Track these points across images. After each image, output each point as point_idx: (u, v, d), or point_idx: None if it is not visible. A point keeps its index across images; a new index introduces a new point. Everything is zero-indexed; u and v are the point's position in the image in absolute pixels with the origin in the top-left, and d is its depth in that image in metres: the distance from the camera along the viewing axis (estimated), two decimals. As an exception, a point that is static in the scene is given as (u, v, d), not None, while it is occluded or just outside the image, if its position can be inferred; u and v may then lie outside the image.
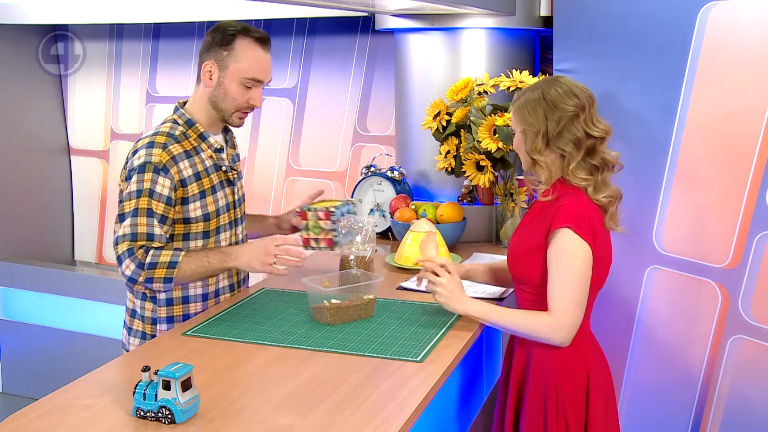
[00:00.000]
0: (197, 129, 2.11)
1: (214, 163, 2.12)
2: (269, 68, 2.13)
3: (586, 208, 1.84)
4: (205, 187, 2.08)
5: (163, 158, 2.01)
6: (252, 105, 2.10)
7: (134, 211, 1.98)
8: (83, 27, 4.29)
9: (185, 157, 2.05)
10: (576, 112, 1.84)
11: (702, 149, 2.39)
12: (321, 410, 1.51)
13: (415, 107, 3.05)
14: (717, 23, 2.33)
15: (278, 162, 3.86)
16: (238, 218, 2.21)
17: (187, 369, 1.46)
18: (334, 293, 2.01)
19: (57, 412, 1.50)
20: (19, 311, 4.15)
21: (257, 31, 2.10)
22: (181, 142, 2.07)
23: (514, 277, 1.97)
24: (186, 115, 2.11)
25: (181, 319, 2.10)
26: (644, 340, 2.57)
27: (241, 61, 2.06)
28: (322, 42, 3.76)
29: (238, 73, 2.06)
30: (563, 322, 1.82)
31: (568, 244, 1.81)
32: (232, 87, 2.07)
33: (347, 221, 2.24)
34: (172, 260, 1.98)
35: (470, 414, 2.34)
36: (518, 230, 2.00)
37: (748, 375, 2.35)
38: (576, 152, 1.85)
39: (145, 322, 2.13)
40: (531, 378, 1.92)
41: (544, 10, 2.93)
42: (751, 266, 2.29)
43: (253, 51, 2.08)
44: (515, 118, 1.91)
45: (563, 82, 1.89)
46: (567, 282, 1.81)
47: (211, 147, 2.12)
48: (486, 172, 2.66)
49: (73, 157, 4.50)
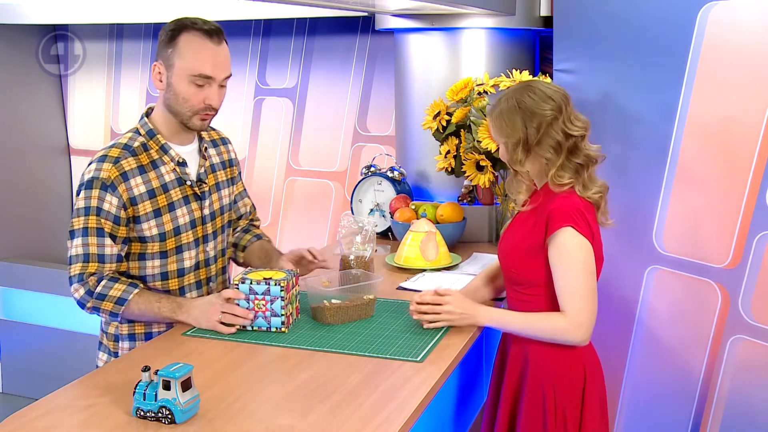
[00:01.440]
0: (158, 140, 1.96)
1: (177, 177, 1.98)
2: (220, 62, 1.91)
3: (581, 205, 1.85)
4: (160, 205, 1.94)
5: (111, 174, 1.89)
6: (209, 105, 1.92)
7: (84, 230, 1.89)
8: (83, 27, 4.28)
9: (138, 173, 1.92)
10: (554, 116, 1.83)
11: (702, 149, 2.39)
12: (321, 410, 1.51)
13: (415, 107, 3.04)
14: (717, 23, 2.33)
15: (278, 162, 3.85)
16: (207, 234, 2.05)
17: (187, 369, 1.46)
18: (334, 293, 2.00)
19: (57, 412, 1.50)
20: (19, 311, 4.15)
21: (206, 23, 1.90)
22: (138, 156, 1.93)
23: (511, 279, 1.96)
24: (149, 125, 1.98)
25: (143, 338, 2.01)
26: (644, 340, 2.57)
27: (185, 57, 1.88)
28: (322, 42, 3.76)
29: (183, 71, 1.88)
30: (580, 320, 1.82)
31: (571, 243, 1.81)
32: (182, 87, 1.90)
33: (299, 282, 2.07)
34: (122, 297, 1.89)
35: (470, 414, 2.34)
36: (510, 232, 1.98)
37: (748, 375, 2.35)
38: (556, 157, 1.84)
39: (108, 338, 2.06)
40: (529, 378, 1.91)
41: (544, 10, 2.93)
42: (751, 266, 2.29)
43: (198, 44, 1.88)
44: (494, 130, 1.91)
45: (536, 87, 1.88)
46: (575, 280, 1.82)
47: (173, 160, 1.97)
48: (486, 172, 2.66)
49: (73, 157, 4.50)
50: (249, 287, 1.91)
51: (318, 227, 3.81)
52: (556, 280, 1.84)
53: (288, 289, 1.93)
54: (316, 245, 2.27)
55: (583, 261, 1.81)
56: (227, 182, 2.15)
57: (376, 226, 2.42)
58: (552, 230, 1.82)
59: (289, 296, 1.94)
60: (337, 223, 3.17)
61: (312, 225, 3.80)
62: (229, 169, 2.17)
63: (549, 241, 1.83)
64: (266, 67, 3.87)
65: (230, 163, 2.18)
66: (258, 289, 1.91)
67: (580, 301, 1.82)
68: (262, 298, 1.91)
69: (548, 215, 1.83)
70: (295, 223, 3.61)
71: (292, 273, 1.99)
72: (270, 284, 1.90)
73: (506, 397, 1.97)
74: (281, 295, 1.90)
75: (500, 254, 2.01)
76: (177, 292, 2.03)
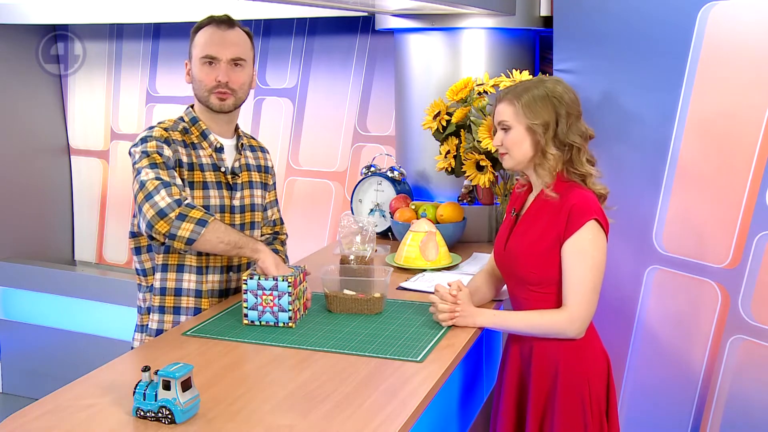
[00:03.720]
0: (200, 126, 2.12)
1: (213, 163, 2.11)
2: (226, 42, 2.07)
3: (595, 198, 1.90)
4: (195, 180, 2.07)
5: (163, 135, 2.05)
6: (219, 81, 2.06)
7: (152, 164, 1.97)
8: (83, 27, 4.29)
9: (183, 146, 2.08)
10: (580, 111, 1.92)
11: (702, 149, 2.39)
12: (321, 410, 1.51)
13: (415, 107, 3.05)
14: (717, 23, 2.33)
15: (278, 162, 3.85)
16: (235, 224, 2.14)
17: (187, 369, 1.46)
18: (351, 283, 2.09)
19: (57, 412, 1.50)
20: (19, 311, 4.15)
21: (221, 16, 2.11)
22: (182, 134, 2.10)
23: (524, 280, 1.95)
24: (192, 113, 2.15)
25: (171, 311, 2.10)
26: (644, 340, 2.57)
27: (197, 46, 2.09)
28: (322, 42, 3.76)
29: (196, 57, 2.08)
30: (578, 314, 1.85)
31: (592, 237, 1.85)
32: (196, 71, 2.09)
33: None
34: (203, 218, 1.91)
35: (470, 414, 2.34)
36: (520, 232, 1.98)
37: (748, 375, 2.35)
38: (585, 144, 1.91)
39: (141, 312, 2.16)
40: (561, 376, 1.91)
41: (544, 10, 2.93)
42: (751, 266, 2.29)
43: (207, 32, 2.08)
44: (524, 112, 1.89)
45: (562, 81, 1.96)
46: (586, 274, 1.84)
47: (211, 145, 2.12)
48: (486, 172, 2.66)
49: (73, 157, 4.50)
50: (257, 283, 1.96)
51: (318, 227, 3.81)
52: (566, 272, 1.86)
53: (295, 285, 1.97)
54: (316, 245, 2.29)
55: (597, 256, 1.85)
56: (261, 184, 2.24)
57: (376, 226, 2.42)
58: (577, 225, 1.84)
59: (297, 292, 1.98)
60: (337, 223, 3.18)
61: (312, 225, 3.81)
62: (264, 174, 2.27)
63: (569, 235, 1.84)
64: (266, 67, 3.87)
65: (266, 170, 2.28)
66: (266, 285, 1.95)
67: (584, 298, 1.85)
68: (270, 294, 1.95)
69: (570, 210, 1.85)
70: (295, 223, 3.61)
71: (300, 269, 2.04)
72: (278, 280, 1.95)
73: (536, 400, 1.95)
74: (289, 290, 1.95)
75: (507, 257, 2.00)
76: (197, 269, 2.10)
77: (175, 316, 2.10)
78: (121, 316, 3.72)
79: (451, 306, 1.95)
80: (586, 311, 1.86)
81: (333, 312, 2.09)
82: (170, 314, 2.10)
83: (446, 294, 1.97)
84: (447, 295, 1.96)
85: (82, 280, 4.03)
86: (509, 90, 1.94)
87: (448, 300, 1.96)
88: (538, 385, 1.95)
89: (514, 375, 2.03)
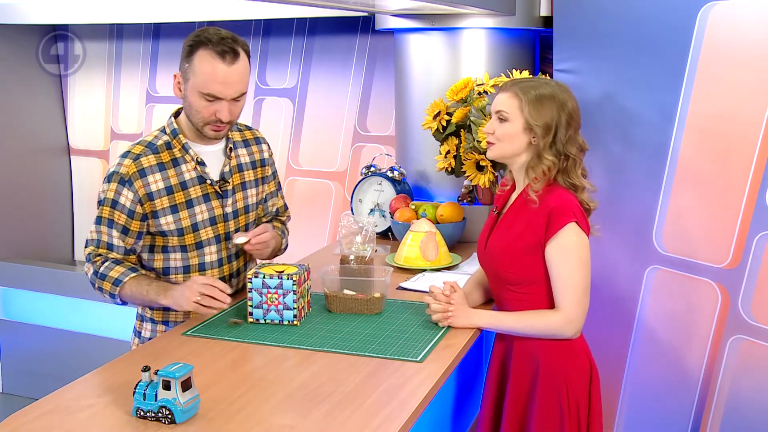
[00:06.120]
0: (180, 140, 2.05)
1: (197, 176, 2.05)
2: (230, 82, 1.94)
3: (575, 200, 1.89)
4: (178, 201, 2.02)
5: (130, 170, 1.98)
6: (219, 119, 1.97)
7: (98, 219, 2.02)
8: (83, 27, 4.28)
9: (158, 170, 2.01)
10: (579, 123, 1.92)
11: (702, 149, 2.39)
12: (321, 410, 1.51)
13: (415, 107, 3.04)
14: (717, 23, 2.33)
15: (278, 162, 3.85)
16: (230, 231, 2.11)
17: (187, 369, 1.46)
18: (351, 283, 2.09)
19: (57, 412, 1.50)
20: (19, 311, 4.15)
21: (221, 42, 1.92)
22: (160, 153, 2.02)
23: (505, 280, 1.96)
24: (174, 124, 2.06)
25: (161, 323, 2.12)
26: (644, 340, 2.57)
27: (198, 75, 1.93)
28: (322, 42, 3.76)
29: (195, 87, 1.94)
30: (575, 315, 1.86)
31: (574, 238, 1.84)
32: (194, 100, 1.96)
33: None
34: (119, 278, 1.99)
35: (470, 414, 2.34)
36: (499, 233, 1.98)
37: (748, 375, 2.35)
38: (580, 156, 1.91)
39: (137, 319, 2.18)
40: (541, 376, 1.91)
41: (544, 10, 2.93)
42: (751, 266, 2.29)
43: (210, 65, 1.92)
44: (528, 109, 1.87)
45: (568, 89, 1.94)
46: (574, 275, 1.84)
47: (193, 159, 2.05)
48: (486, 172, 2.66)
49: (73, 157, 4.50)
50: (262, 281, 1.96)
51: (318, 227, 3.81)
52: (553, 274, 1.86)
53: (300, 283, 1.98)
54: (316, 245, 2.29)
55: (582, 257, 1.85)
56: (255, 182, 2.20)
57: (376, 226, 2.42)
58: (557, 227, 1.83)
59: (301, 290, 2.00)
60: (337, 223, 3.17)
61: (312, 225, 3.80)
62: (259, 169, 2.22)
63: (550, 237, 1.84)
64: (266, 67, 3.87)
65: (261, 163, 2.23)
66: (271, 283, 1.96)
67: (575, 297, 1.85)
68: (275, 292, 1.96)
69: (549, 212, 1.84)
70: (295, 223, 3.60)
71: (304, 267, 2.05)
72: (282, 278, 1.96)
73: (514, 398, 1.96)
74: (293, 288, 1.96)
75: (488, 256, 2.00)
76: None
77: (166, 327, 2.11)
78: (121, 316, 3.71)
79: (444, 306, 1.95)
80: (580, 311, 1.86)
81: (333, 312, 2.09)
82: (162, 325, 2.12)
83: (439, 294, 1.97)
84: (440, 296, 1.97)
85: (82, 280, 3.99)
86: (516, 82, 1.94)
87: (441, 300, 1.96)
88: (517, 383, 1.96)
89: (495, 373, 2.04)
